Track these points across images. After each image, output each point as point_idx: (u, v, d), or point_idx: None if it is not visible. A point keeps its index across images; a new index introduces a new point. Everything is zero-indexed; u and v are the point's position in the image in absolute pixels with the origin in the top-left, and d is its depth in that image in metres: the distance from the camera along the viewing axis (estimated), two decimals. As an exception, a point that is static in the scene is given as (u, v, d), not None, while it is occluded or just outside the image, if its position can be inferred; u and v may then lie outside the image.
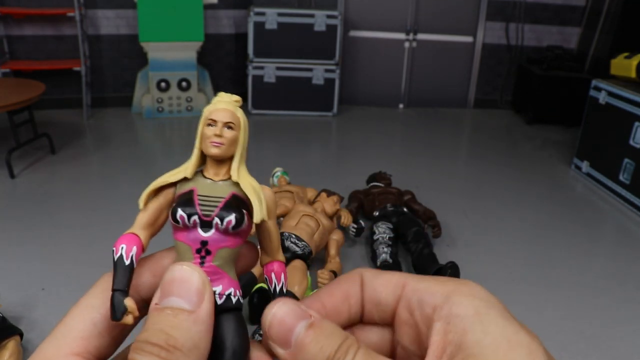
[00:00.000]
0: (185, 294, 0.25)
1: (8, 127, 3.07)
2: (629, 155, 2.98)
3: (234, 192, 0.28)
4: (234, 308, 0.27)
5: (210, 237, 0.27)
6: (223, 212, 0.27)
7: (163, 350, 0.23)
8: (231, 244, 0.27)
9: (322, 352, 0.25)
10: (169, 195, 0.29)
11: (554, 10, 4.87)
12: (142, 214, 0.29)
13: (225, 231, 0.27)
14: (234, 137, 0.29)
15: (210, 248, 0.27)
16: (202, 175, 0.29)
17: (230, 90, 4.53)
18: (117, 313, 0.26)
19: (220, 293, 0.27)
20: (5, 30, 4.05)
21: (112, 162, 3.35)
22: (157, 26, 3.97)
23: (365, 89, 4.98)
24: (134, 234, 0.28)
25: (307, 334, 0.25)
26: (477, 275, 2.23)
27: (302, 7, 4.59)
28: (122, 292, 0.26)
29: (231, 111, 0.29)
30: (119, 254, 0.27)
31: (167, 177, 0.29)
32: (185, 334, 0.24)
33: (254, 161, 3.64)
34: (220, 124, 0.28)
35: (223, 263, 0.27)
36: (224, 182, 0.29)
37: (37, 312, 1.87)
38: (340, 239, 2.26)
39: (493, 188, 3.23)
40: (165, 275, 0.26)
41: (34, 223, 2.51)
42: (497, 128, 4.57)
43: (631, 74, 3.08)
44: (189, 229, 0.27)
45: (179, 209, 0.27)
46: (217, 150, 0.28)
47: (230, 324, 0.27)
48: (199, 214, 0.27)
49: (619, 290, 2.20)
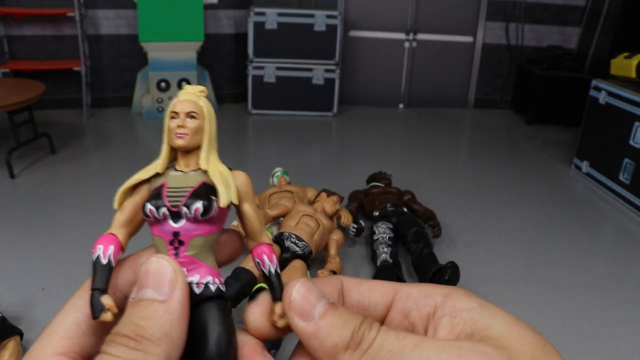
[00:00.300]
0: (158, 285, 0.25)
1: (8, 127, 3.07)
2: (629, 155, 2.98)
3: (204, 181, 0.28)
4: (215, 296, 0.27)
5: (182, 228, 0.27)
6: (190, 201, 0.27)
7: (131, 340, 0.24)
8: (204, 232, 0.28)
9: (346, 325, 0.26)
10: (143, 193, 0.29)
11: (554, 10, 4.87)
12: (118, 214, 0.29)
13: (195, 219, 0.27)
14: (198, 126, 0.29)
15: (182, 238, 0.27)
16: (173, 169, 0.29)
17: (230, 90, 4.51)
18: (96, 311, 0.26)
19: (198, 282, 0.27)
20: (5, 30, 4.05)
21: (112, 162, 3.35)
22: (157, 26, 3.97)
23: (365, 89, 4.98)
24: (111, 234, 0.28)
25: (330, 309, 0.26)
26: (477, 275, 2.23)
27: (302, 7, 4.59)
28: (100, 291, 0.27)
29: (193, 101, 0.29)
30: (96, 255, 0.27)
31: (139, 174, 0.29)
32: (155, 323, 0.24)
33: (254, 161, 3.65)
34: (182, 115, 0.29)
35: (198, 252, 0.27)
36: (195, 172, 0.29)
37: (37, 312, 1.88)
38: (340, 239, 2.26)
39: (493, 188, 3.23)
40: (140, 270, 0.26)
41: (34, 223, 2.51)
42: (497, 128, 4.57)
43: (631, 74, 3.08)
44: (161, 222, 0.27)
45: (147, 203, 0.27)
46: (181, 141, 0.28)
47: (212, 312, 0.27)
48: (167, 206, 0.27)
49: (619, 290, 2.20)
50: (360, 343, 0.25)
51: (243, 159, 3.65)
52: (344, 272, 2.23)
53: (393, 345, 0.24)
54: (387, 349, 0.25)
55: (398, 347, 0.24)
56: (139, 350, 0.24)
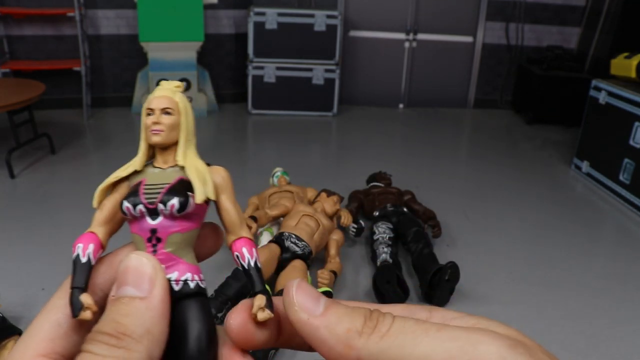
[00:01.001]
0: (138, 282, 0.25)
1: (8, 127, 3.07)
2: (629, 155, 2.98)
3: (181, 177, 0.28)
4: (194, 293, 0.27)
5: (159, 224, 0.27)
6: (166, 197, 0.27)
7: (113, 338, 0.24)
8: (181, 228, 0.27)
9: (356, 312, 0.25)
10: (123, 190, 0.29)
11: (554, 10, 4.87)
12: (98, 213, 0.29)
13: (171, 216, 0.27)
14: (174, 122, 0.29)
15: (160, 235, 0.27)
16: (152, 166, 0.29)
17: (230, 90, 4.52)
18: (75, 310, 0.26)
19: (177, 279, 0.27)
20: (5, 30, 4.05)
21: (112, 162, 3.34)
22: (157, 26, 3.97)
23: (365, 89, 4.98)
24: (91, 232, 0.28)
25: (333, 302, 0.26)
26: (477, 275, 2.23)
27: (302, 7, 4.59)
28: (79, 290, 0.26)
29: (168, 97, 0.29)
30: (75, 254, 0.27)
31: (118, 172, 0.29)
32: (136, 320, 0.24)
33: (254, 161, 3.65)
34: (157, 111, 0.28)
35: (176, 249, 0.27)
36: (172, 168, 0.29)
37: (37, 312, 1.86)
38: (340, 239, 2.26)
39: (493, 188, 3.22)
40: (119, 267, 0.26)
41: (34, 223, 2.51)
42: (497, 128, 4.57)
43: (631, 74, 3.08)
44: (138, 219, 0.27)
45: (124, 201, 0.27)
46: (157, 137, 0.28)
47: (191, 309, 0.27)
48: (144, 203, 0.27)
49: (619, 290, 2.20)
50: (376, 326, 0.24)
51: (243, 159, 3.65)
52: (344, 272, 2.23)
53: (415, 327, 0.24)
54: (410, 330, 0.24)
55: (422, 329, 0.24)
56: (121, 347, 0.24)
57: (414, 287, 2.14)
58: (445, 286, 2.00)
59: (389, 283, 1.98)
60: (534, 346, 0.24)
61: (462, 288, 2.10)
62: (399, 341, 0.24)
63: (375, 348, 0.24)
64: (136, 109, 4.35)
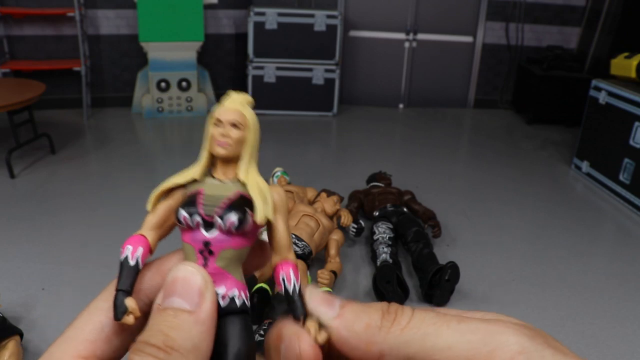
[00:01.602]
0: (187, 294, 0.25)
1: (8, 127, 3.07)
2: (629, 155, 2.98)
3: (241, 192, 0.28)
4: (239, 311, 0.27)
5: (214, 238, 0.26)
6: (225, 212, 0.26)
7: (161, 351, 0.23)
8: (235, 244, 0.27)
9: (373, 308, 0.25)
10: (178, 197, 0.29)
11: (554, 10, 4.87)
12: (150, 216, 0.28)
13: (228, 231, 0.26)
14: (241, 137, 0.28)
15: (213, 249, 0.27)
16: (211, 176, 0.29)
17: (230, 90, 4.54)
18: (118, 313, 0.26)
19: (224, 295, 0.26)
20: (5, 30, 4.05)
21: (112, 162, 3.35)
22: (157, 26, 3.97)
23: (365, 89, 4.98)
24: (141, 235, 0.28)
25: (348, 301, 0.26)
26: (477, 275, 2.23)
27: (302, 7, 4.59)
28: (124, 292, 0.26)
29: (238, 111, 0.28)
30: (124, 255, 0.27)
31: (175, 179, 0.28)
32: (184, 334, 0.24)
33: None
34: (226, 123, 0.28)
35: (227, 264, 0.27)
36: (232, 182, 0.28)
37: (37, 312, 1.87)
38: (340, 239, 2.26)
39: (493, 188, 3.22)
40: (168, 276, 0.26)
41: (34, 223, 2.51)
42: (497, 128, 4.57)
43: (631, 74, 3.08)
44: (193, 229, 0.27)
45: (181, 209, 0.27)
46: (223, 150, 0.28)
47: (234, 327, 0.26)
48: (201, 214, 0.26)
49: (619, 290, 2.20)
50: (395, 319, 0.24)
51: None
52: (344, 272, 2.23)
53: (436, 319, 0.24)
54: (431, 322, 0.24)
55: (443, 321, 0.24)
56: None
57: (414, 287, 2.14)
58: (445, 286, 2.00)
59: (389, 283, 1.98)
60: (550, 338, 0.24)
61: (462, 288, 2.10)
62: (421, 333, 0.24)
63: (397, 341, 0.24)
64: (136, 109, 4.35)
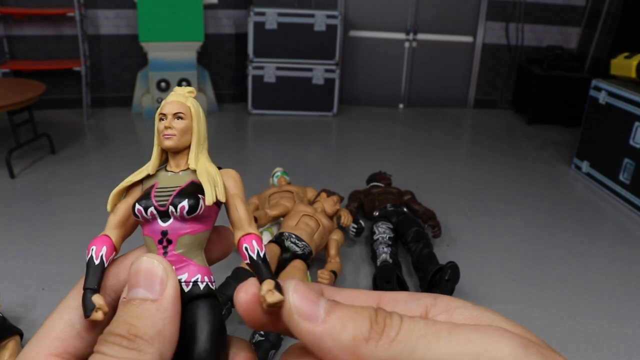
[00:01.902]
0: (149, 284, 0.26)
1: (8, 127, 3.07)
2: (629, 155, 2.98)
3: (192, 179, 0.29)
4: (204, 294, 0.27)
5: (170, 226, 0.28)
6: (176, 200, 0.27)
7: (124, 339, 0.24)
8: (192, 230, 0.28)
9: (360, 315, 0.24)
10: (136, 194, 0.30)
11: (554, 10, 4.87)
12: (112, 216, 0.29)
13: (182, 218, 0.28)
14: (185, 126, 0.29)
15: (170, 237, 0.28)
16: (164, 170, 0.30)
17: (230, 90, 4.51)
18: (87, 310, 0.27)
19: (187, 280, 0.27)
20: (5, 30, 4.05)
21: (112, 162, 3.35)
22: (157, 26, 3.97)
23: (365, 89, 4.98)
24: (105, 236, 0.29)
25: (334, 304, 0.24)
26: (477, 275, 2.23)
27: (302, 7, 4.59)
28: (92, 291, 0.27)
29: (180, 102, 0.30)
30: (89, 255, 0.28)
31: (131, 177, 0.30)
32: (147, 322, 0.25)
33: (254, 161, 3.65)
34: (169, 116, 0.29)
35: (187, 250, 0.28)
36: (185, 172, 0.29)
37: (37, 312, 1.88)
38: (340, 239, 2.26)
39: (493, 188, 3.22)
40: (130, 269, 0.26)
41: (34, 223, 2.51)
42: (497, 128, 4.57)
43: (631, 74, 3.08)
44: (150, 221, 0.28)
45: (136, 203, 0.28)
46: (169, 142, 0.29)
47: (201, 310, 0.27)
48: (155, 205, 0.28)
49: (619, 290, 2.20)
50: (384, 330, 0.23)
51: (243, 159, 3.64)
52: (344, 272, 2.23)
53: (425, 330, 0.23)
54: (420, 334, 0.23)
55: (432, 331, 0.23)
56: (133, 349, 0.24)
57: (414, 287, 2.14)
58: (445, 286, 2.00)
59: (389, 283, 1.98)
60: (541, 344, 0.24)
61: (462, 288, 2.10)
62: (410, 345, 0.23)
63: (384, 355, 0.23)
64: (136, 109, 4.35)
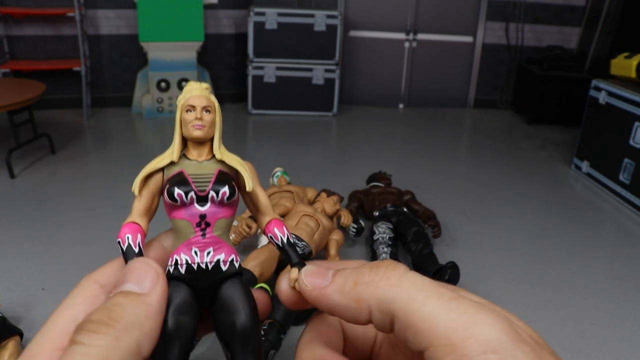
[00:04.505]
0: (140, 280, 0.26)
1: (8, 127, 3.07)
2: (629, 155, 2.98)
3: (220, 169, 0.31)
4: (238, 272, 0.30)
5: (208, 210, 0.30)
6: (216, 186, 0.30)
7: (102, 325, 0.23)
8: (227, 214, 0.30)
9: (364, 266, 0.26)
10: (158, 181, 0.31)
11: (554, 10, 4.87)
12: (137, 203, 0.31)
13: (220, 203, 0.30)
14: (212, 119, 0.31)
15: (209, 220, 0.30)
16: (186, 158, 0.31)
17: (230, 90, 4.50)
18: None
19: (224, 260, 0.30)
20: (5, 30, 4.05)
21: (112, 162, 3.35)
22: (157, 26, 3.97)
23: (365, 89, 4.98)
24: (134, 223, 0.30)
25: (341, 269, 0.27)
26: (477, 275, 2.23)
27: (302, 7, 4.59)
28: None
29: (207, 97, 0.32)
30: (127, 244, 0.29)
31: (155, 163, 0.31)
32: (129, 310, 0.24)
33: (254, 161, 3.64)
34: (199, 108, 0.31)
35: (222, 233, 0.30)
36: (208, 161, 0.31)
37: (37, 312, 1.87)
38: (340, 239, 2.26)
39: (493, 188, 3.22)
40: (124, 268, 0.27)
41: (34, 223, 2.51)
42: (497, 128, 4.57)
43: (631, 74, 3.08)
44: (187, 205, 0.30)
45: (175, 188, 0.29)
46: (199, 132, 0.31)
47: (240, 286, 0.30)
48: (195, 190, 0.29)
49: (620, 290, 2.20)
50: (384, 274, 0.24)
51: (243, 158, 3.61)
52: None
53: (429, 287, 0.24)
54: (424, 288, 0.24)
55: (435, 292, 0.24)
56: (109, 334, 0.23)
57: (414, 287, 2.14)
58: (445, 286, 2.00)
59: (389, 283, 1.98)
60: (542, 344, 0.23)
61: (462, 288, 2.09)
62: (410, 294, 0.23)
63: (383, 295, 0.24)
64: (136, 109, 4.34)
